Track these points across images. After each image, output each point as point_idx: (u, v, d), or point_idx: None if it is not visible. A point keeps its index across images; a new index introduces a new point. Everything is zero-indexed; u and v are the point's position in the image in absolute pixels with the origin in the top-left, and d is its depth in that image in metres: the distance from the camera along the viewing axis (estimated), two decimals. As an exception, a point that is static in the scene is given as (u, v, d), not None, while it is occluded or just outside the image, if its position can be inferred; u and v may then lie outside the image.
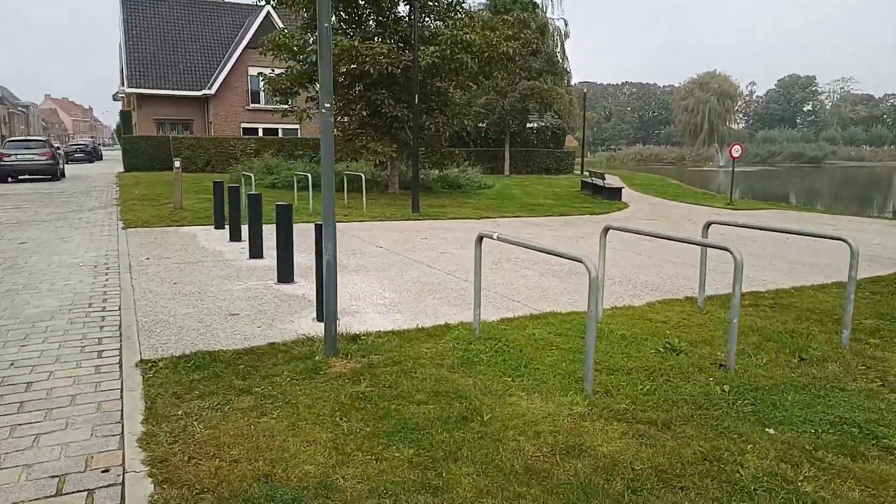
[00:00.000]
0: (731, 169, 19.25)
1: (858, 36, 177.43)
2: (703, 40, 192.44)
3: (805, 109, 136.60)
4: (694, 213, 16.54)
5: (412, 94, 17.70)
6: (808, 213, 17.39)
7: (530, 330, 5.46)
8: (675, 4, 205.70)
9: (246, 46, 36.11)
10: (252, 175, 14.01)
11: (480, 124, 32.02)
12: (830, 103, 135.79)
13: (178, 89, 36.87)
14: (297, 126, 38.74)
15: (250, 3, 40.10)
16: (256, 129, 37.45)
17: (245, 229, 9.82)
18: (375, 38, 17.06)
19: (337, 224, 12.11)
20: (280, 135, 37.26)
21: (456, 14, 18.06)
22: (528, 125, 37.25)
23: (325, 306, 4.79)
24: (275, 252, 7.68)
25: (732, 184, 19.62)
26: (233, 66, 36.51)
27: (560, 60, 38.14)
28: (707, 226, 6.31)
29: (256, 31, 35.49)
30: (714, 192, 28.05)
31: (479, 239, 5.34)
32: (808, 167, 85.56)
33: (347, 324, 5.65)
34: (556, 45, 38.43)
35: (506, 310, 6.25)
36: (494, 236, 5.09)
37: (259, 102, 37.72)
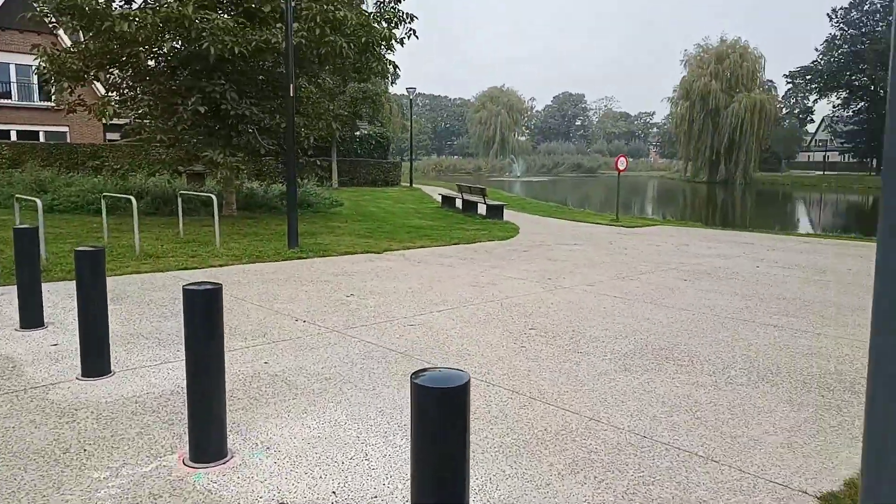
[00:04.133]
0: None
1: (615, 61, 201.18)
2: (483, 57, 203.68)
3: (576, 124, 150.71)
4: (602, 233, 14.74)
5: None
6: (709, 230, 16.60)
7: None
8: (448, 24, 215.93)
9: (-15, 23, 27.84)
10: (37, 200, 9.02)
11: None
12: (597, 118, 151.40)
13: None
14: (64, 129, 31.28)
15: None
16: (8, 131, 29.22)
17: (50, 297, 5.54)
18: (217, 10, 12.63)
19: (191, 270, 7.89)
20: (42, 139, 29.52)
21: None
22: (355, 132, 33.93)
23: None
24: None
25: (618, 200, 18.40)
26: (-33, 49, 28.05)
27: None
28: None
29: (3, 5, 27.54)
30: (561, 203, 27.32)
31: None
32: (587, 176, 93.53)
33: None
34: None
35: None
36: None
37: (11, 97, 29.55)
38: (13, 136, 28.94)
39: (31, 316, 5.63)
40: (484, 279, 8.53)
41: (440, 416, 2.03)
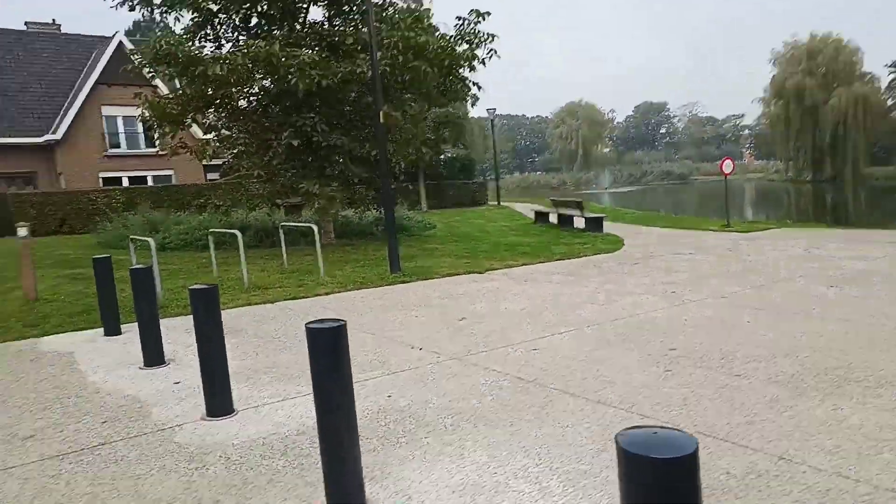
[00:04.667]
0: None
1: (694, 67, 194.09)
2: (556, 75, 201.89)
3: (661, 132, 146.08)
4: (715, 241, 13.73)
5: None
6: (836, 230, 15.19)
7: None
8: (524, 43, 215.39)
9: (97, 82, 30.04)
10: (149, 239, 9.28)
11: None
12: (682, 125, 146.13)
13: (12, 136, 29.97)
14: (170, 172, 33.18)
15: (94, 34, 34.13)
16: (120, 178, 31.29)
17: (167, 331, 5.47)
18: (302, 46, 12.83)
19: (299, 300, 7.77)
20: (150, 183, 31.39)
21: (390, 11, 14.30)
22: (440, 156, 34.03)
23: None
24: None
25: (727, 205, 17.23)
26: (82, 105, 30.32)
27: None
28: None
29: (108, 63, 29.73)
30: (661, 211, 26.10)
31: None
32: (678, 184, 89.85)
33: None
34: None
35: None
36: None
37: (120, 146, 31.68)
38: (125, 182, 30.95)
39: (153, 354, 5.59)
40: (601, 296, 7.93)
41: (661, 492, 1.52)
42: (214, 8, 13.52)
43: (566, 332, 6.15)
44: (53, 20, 36.02)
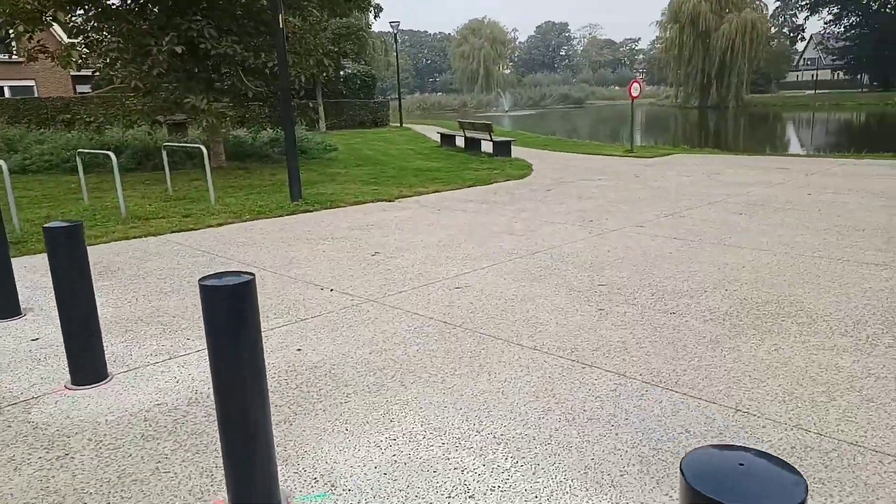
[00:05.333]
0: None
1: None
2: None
3: (560, 54, 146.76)
4: (621, 166, 13.74)
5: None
6: (733, 157, 15.60)
7: None
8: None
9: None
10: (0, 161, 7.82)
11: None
12: (581, 48, 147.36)
13: None
14: (30, 83, 29.40)
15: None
16: (-32, 88, 27.34)
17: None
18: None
19: (187, 233, 6.90)
20: (7, 94, 27.69)
21: None
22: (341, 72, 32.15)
23: None
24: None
25: (632, 131, 17.27)
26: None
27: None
28: None
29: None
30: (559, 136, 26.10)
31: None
32: (575, 108, 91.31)
33: None
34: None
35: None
36: None
37: (-33, 51, 27.50)
38: (-25, 93, 27.09)
39: (4, 304, 4.65)
40: (518, 226, 7.58)
41: None
42: None
43: (488, 267, 5.74)
44: None
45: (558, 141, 22.34)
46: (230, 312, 2.31)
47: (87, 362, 3.51)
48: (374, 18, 34.11)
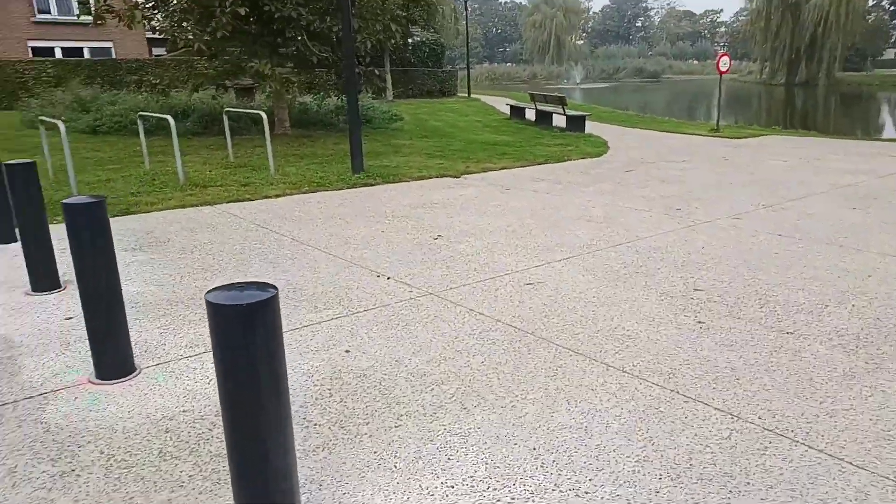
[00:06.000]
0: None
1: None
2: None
3: (636, 25, 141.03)
4: (706, 146, 12.68)
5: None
6: (833, 140, 14.23)
7: None
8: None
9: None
10: (58, 121, 7.65)
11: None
12: (658, 19, 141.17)
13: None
14: (108, 45, 30.01)
15: None
16: (52, 48, 28.15)
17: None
18: None
19: (243, 203, 6.51)
20: (87, 55, 28.37)
21: None
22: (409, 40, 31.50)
23: None
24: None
25: (719, 108, 16.01)
26: (4, -40, 26.62)
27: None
28: None
29: None
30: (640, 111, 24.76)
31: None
32: (650, 82, 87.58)
33: None
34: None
35: None
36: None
37: (49, 12, 28.23)
38: (58, 54, 27.88)
39: (42, 276, 4.35)
40: (597, 211, 6.87)
41: None
42: None
43: (564, 260, 5.10)
44: None
45: (635, 117, 21.13)
46: (245, 337, 1.80)
47: (111, 355, 3.11)
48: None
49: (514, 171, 9.63)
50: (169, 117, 8.08)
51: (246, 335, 1.84)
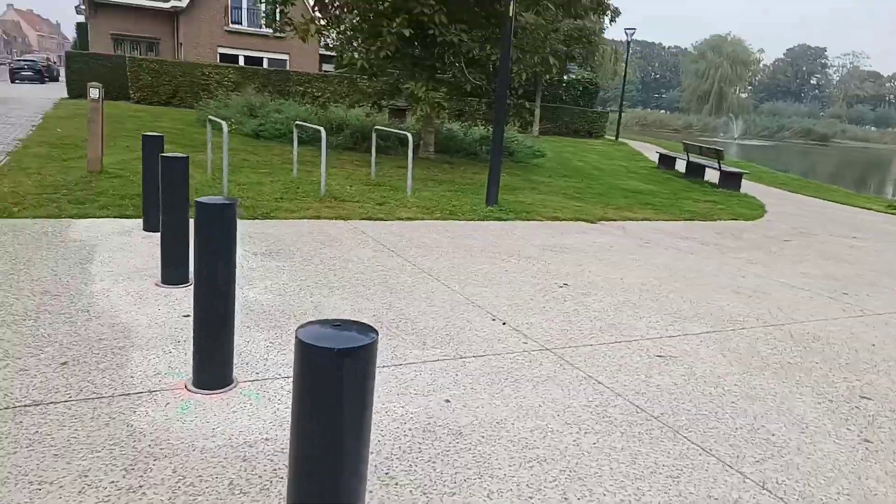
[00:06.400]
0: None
1: (871, 8, 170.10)
2: (706, 4, 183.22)
3: (811, 83, 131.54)
4: (881, 224, 11.25)
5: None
6: None
7: None
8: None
9: (226, -51, 29.28)
10: (223, 122, 8.16)
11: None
12: (838, 78, 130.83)
13: (141, -1, 30.05)
14: (285, 57, 32.50)
15: None
16: (236, 56, 30.97)
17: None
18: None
19: (375, 222, 6.48)
20: (265, 65, 30.87)
21: None
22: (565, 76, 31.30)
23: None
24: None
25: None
26: (209, -27, 29.76)
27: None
28: None
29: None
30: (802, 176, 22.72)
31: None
32: (818, 145, 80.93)
33: None
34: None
35: None
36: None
37: (241, 23, 31.11)
38: (241, 61, 30.60)
39: (173, 269, 4.51)
40: (746, 281, 6.15)
41: None
42: None
43: (703, 334, 4.54)
44: None
45: (798, 181, 19.39)
46: (332, 383, 1.59)
47: (211, 363, 3.07)
48: (610, 23, 32.47)
49: (655, 224, 9.01)
50: (322, 129, 8.38)
51: (334, 381, 1.64)
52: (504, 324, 4.36)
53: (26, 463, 2.36)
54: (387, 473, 2.51)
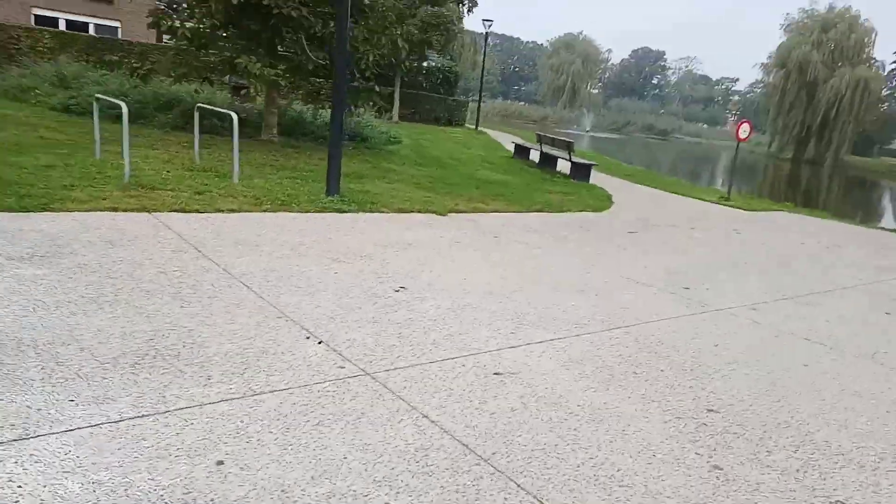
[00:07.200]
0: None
1: (705, 19, 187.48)
2: (563, 2, 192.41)
3: (652, 82, 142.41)
4: (716, 216, 11.81)
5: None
6: (853, 226, 13.39)
7: None
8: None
9: None
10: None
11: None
12: (675, 79, 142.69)
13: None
14: (116, 24, 29.22)
15: None
16: (56, 19, 27.32)
17: None
18: None
19: (188, 214, 5.53)
20: (91, 31, 27.53)
21: None
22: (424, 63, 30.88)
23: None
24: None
25: (732, 174, 15.21)
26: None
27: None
28: None
29: None
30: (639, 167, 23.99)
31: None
32: (658, 139, 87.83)
33: None
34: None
35: None
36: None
37: (60, -17, 27.44)
38: (62, 26, 27.02)
39: None
40: (593, 279, 5.89)
41: None
42: None
43: (546, 343, 4.10)
44: None
45: (643, 173, 20.34)
46: None
47: None
48: (468, 12, 32.58)
49: (506, 216, 8.68)
50: (122, 103, 7.10)
51: None
52: (320, 342, 3.63)
53: None
54: None
